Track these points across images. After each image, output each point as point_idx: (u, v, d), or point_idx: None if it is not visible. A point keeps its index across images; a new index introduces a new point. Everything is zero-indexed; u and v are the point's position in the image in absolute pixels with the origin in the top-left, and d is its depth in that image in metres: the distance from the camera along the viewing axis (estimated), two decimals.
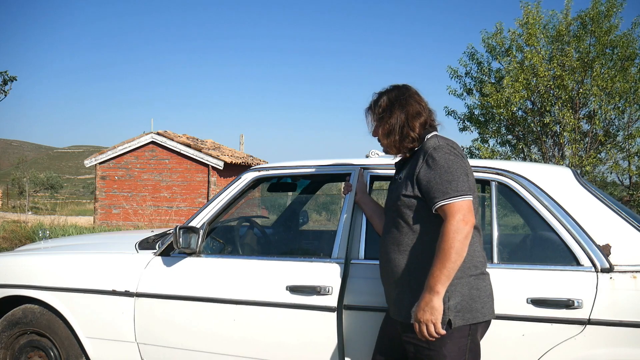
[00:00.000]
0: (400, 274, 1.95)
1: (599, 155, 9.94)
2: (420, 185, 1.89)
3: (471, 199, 1.83)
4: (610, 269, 2.08)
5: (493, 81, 10.51)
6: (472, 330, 1.86)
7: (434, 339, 1.82)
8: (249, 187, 2.72)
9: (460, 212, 1.79)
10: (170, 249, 2.69)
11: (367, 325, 2.28)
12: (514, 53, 10.03)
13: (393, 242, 1.99)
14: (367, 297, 2.29)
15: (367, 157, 2.67)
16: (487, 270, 1.96)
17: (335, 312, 2.30)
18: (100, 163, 15.32)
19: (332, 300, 2.31)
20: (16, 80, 12.39)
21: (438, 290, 1.78)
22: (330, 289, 2.32)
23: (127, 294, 2.68)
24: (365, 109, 2.12)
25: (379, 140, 2.10)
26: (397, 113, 2.00)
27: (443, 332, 1.80)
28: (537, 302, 2.09)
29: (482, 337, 1.94)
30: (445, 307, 1.81)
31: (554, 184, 2.28)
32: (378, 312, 2.24)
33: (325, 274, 2.37)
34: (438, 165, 1.85)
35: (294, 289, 2.38)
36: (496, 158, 10.18)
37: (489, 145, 10.73)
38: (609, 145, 9.90)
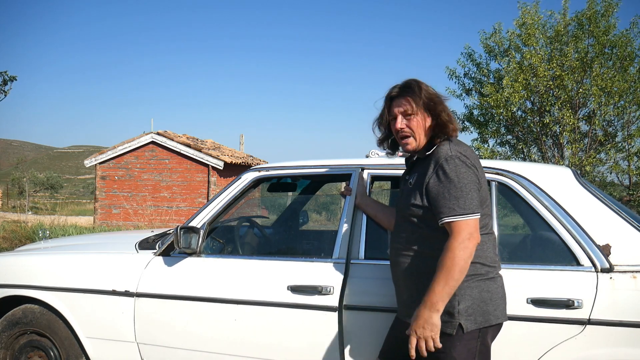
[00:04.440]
0: (410, 277, 1.94)
1: (598, 155, 9.94)
2: (428, 196, 1.86)
3: (478, 216, 1.80)
4: (610, 269, 2.08)
5: (492, 81, 10.50)
6: (482, 333, 1.85)
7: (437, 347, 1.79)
8: (249, 187, 2.72)
9: (466, 230, 1.76)
10: (170, 249, 2.69)
11: (367, 325, 2.28)
12: (513, 53, 10.03)
13: (403, 245, 1.97)
14: (367, 297, 2.29)
15: (367, 157, 2.68)
16: (500, 273, 1.95)
17: (337, 312, 2.30)
18: (100, 163, 15.32)
19: (333, 299, 2.31)
20: (16, 80, 12.43)
21: (439, 308, 1.76)
22: (331, 288, 2.32)
23: (127, 294, 2.68)
24: (398, 89, 1.97)
25: (408, 130, 1.94)
26: (443, 106, 1.93)
27: (440, 345, 1.78)
28: (537, 302, 2.09)
29: (493, 339, 1.93)
30: (455, 311, 1.81)
31: (554, 184, 2.28)
32: (378, 312, 2.25)
33: (327, 273, 2.37)
34: (448, 179, 1.81)
35: (295, 289, 2.38)
36: (496, 158, 10.17)
37: (488, 146, 10.74)
38: (609, 146, 9.89)
